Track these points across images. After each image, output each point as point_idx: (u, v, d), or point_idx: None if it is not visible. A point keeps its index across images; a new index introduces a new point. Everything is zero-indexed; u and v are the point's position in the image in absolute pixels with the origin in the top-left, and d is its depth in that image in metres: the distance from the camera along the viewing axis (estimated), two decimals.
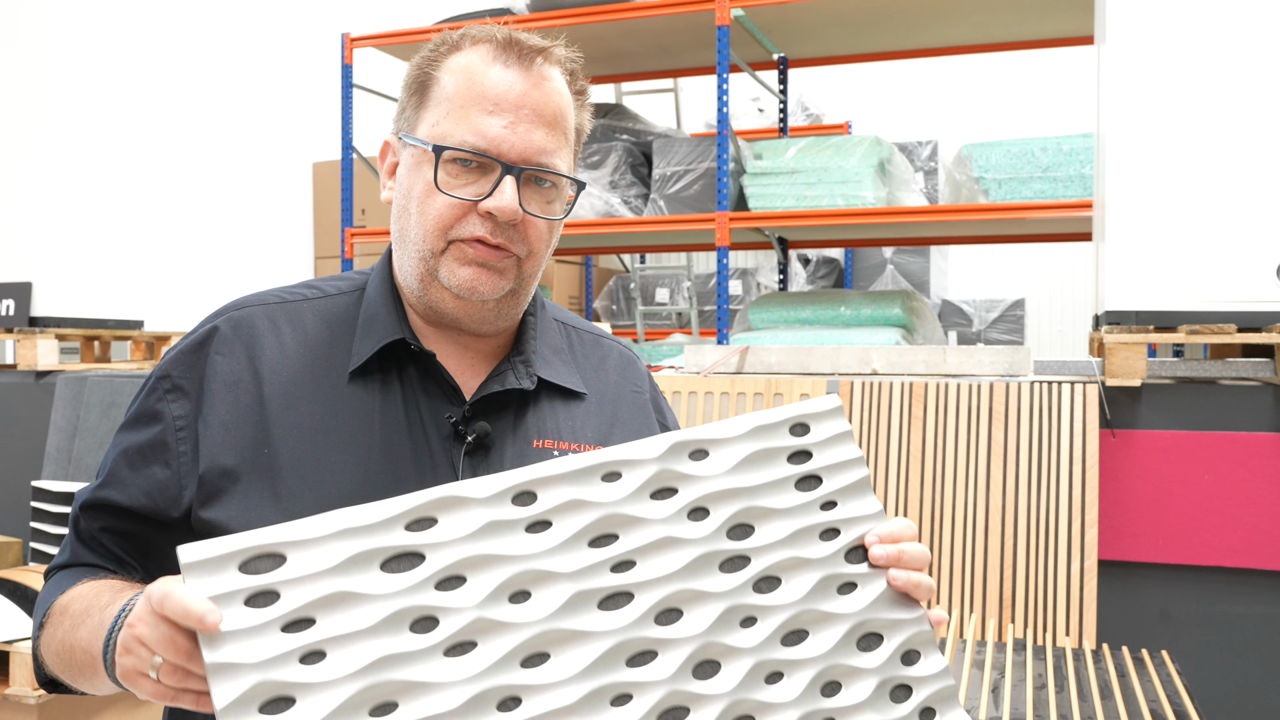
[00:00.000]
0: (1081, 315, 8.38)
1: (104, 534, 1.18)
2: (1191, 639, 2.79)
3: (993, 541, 2.86)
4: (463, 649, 0.92)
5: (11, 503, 3.85)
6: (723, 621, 1.00)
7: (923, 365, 3.33)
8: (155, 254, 5.04)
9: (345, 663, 0.88)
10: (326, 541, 0.92)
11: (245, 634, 0.87)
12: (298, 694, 0.87)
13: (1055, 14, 4.49)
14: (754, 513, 1.06)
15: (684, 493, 1.04)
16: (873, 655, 1.04)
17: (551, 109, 1.16)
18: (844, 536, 1.07)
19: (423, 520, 0.95)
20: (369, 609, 0.91)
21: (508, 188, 1.12)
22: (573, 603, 0.96)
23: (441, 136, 1.13)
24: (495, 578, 0.95)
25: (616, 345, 1.38)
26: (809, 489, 1.08)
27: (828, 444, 1.11)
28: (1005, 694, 2.33)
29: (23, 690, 2.60)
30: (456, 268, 1.14)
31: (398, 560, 0.93)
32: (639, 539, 1.01)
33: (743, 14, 4.36)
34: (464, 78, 1.15)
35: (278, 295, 1.23)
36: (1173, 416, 2.83)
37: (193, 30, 5.56)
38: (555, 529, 0.98)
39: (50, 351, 4.05)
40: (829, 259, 6.74)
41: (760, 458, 1.08)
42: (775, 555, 1.04)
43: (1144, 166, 2.85)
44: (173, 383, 1.16)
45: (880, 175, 4.25)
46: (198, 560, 0.88)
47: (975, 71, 8.08)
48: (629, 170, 4.80)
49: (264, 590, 0.89)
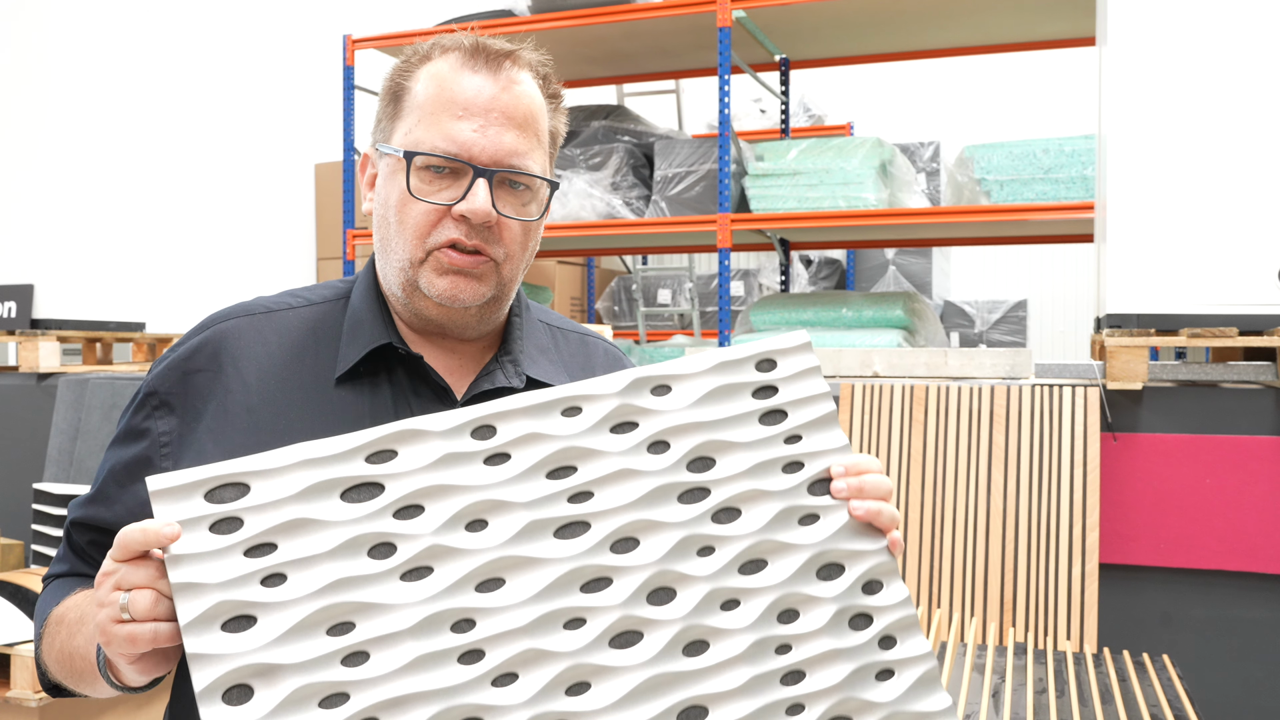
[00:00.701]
0: (1083, 316, 8.36)
1: (92, 548, 1.21)
2: (1193, 643, 2.78)
3: (993, 545, 2.86)
4: (419, 574, 0.96)
5: (13, 505, 3.85)
6: (679, 550, 1.02)
7: (924, 367, 3.32)
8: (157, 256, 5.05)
9: (304, 584, 0.93)
10: (288, 471, 0.96)
11: (209, 556, 0.92)
12: (258, 613, 0.91)
13: (1057, 15, 4.49)
14: (715, 446, 1.07)
15: (644, 426, 1.06)
16: (832, 584, 1.05)
17: (522, 111, 1.17)
18: (808, 469, 1.08)
19: (383, 453, 0.99)
20: (328, 534, 0.95)
21: (480, 190, 1.13)
22: (528, 531, 0.99)
23: (414, 143, 1.15)
24: (452, 506, 0.98)
25: (602, 343, 1.39)
26: (773, 423, 1.09)
27: (794, 379, 1.11)
28: (1006, 698, 2.32)
29: (24, 693, 2.60)
30: (435, 278, 1.15)
31: (357, 490, 0.97)
32: (597, 470, 1.03)
33: (744, 15, 4.36)
34: (434, 85, 1.16)
35: (262, 305, 1.23)
36: (1174, 420, 2.83)
37: (194, 33, 5.57)
38: (513, 461, 1.01)
39: (52, 353, 4.05)
40: (831, 260, 6.73)
41: (724, 392, 1.09)
42: (735, 487, 1.06)
43: (1146, 169, 2.84)
44: (160, 399, 1.17)
45: (882, 177, 4.25)
46: (165, 488, 0.93)
47: (977, 73, 8.07)
48: (631, 171, 4.80)
49: (228, 517, 0.94)
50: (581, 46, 4.95)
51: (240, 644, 0.90)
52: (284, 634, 0.91)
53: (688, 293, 6.58)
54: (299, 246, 6.56)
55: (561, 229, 4.61)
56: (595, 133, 5.08)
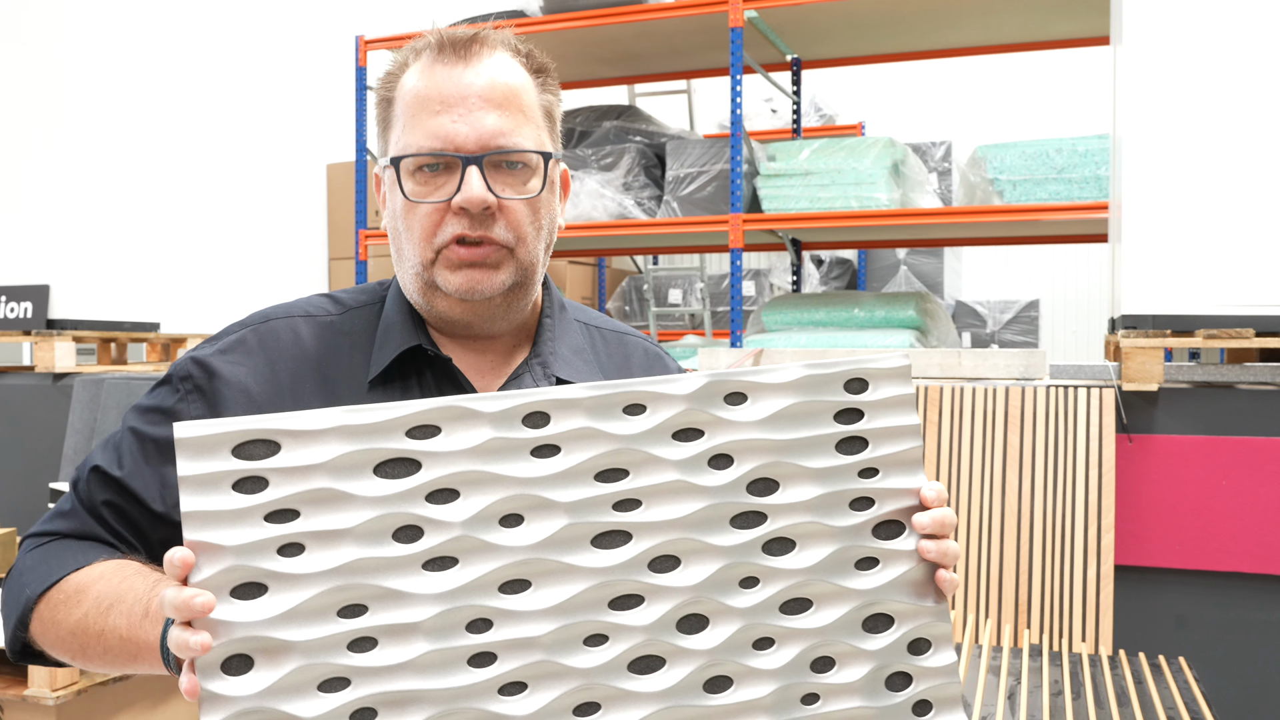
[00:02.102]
0: (1097, 316, 8.34)
1: (106, 507, 1.17)
2: (1209, 645, 2.77)
3: (1008, 546, 2.85)
4: (443, 564, 0.91)
5: (29, 504, 3.87)
6: (721, 577, 0.96)
7: (937, 368, 3.32)
8: (171, 256, 5.07)
9: (322, 560, 0.89)
10: (324, 436, 0.91)
11: (228, 517, 0.88)
12: (270, 582, 0.87)
13: (1070, 14, 4.47)
14: (782, 469, 0.98)
15: (710, 436, 0.97)
16: (877, 638, 0.98)
17: (499, 91, 1.15)
18: (877, 508, 0.99)
19: (426, 428, 0.93)
20: (355, 510, 0.90)
21: (472, 177, 1.11)
22: (565, 534, 0.93)
23: (402, 149, 1.15)
24: (489, 497, 0.93)
25: (642, 342, 1.36)
26: (851, 452, 1.00)
27: (884, 406, 1.01)
28: (1021, 700, 2.32)
29: (41, 691, 2.61)
30: (449, 274, 1.14)
31: (392, 465, 0.92)
32: (649, 479, 0.96)
33: (756, 15, 4.36)
34: (411, 89, 1.16)
35: (301, 308, 1.24)
36: (1189, 421, 2.82)
37: (206, 35, 5.59)
38: (563, 455, 0.95)
39: (67, 353, 4.07)
40: (842, 260, 6.72)
41: (804, 410, 0.99)
42: (795, 517, 0.98)
43: (1161, 169, 2.83)
44: (194, 383, 1.17)
45: (894, 177, 4.24)
46: (192, 437, 0.88)
47: (989, 72, 8.04)
48: (642, 172, 4.80)
49: (253, 475, 0.89)
50: (593, 47, 4.95)
51: (247, 613, 0.87)
52: (293, 609, 0.87)
53: (699, 293, 6.58)
54: (311, 247, 6.58)
55: (573, 229, 4.62)
56: (607, 133, 5.08)
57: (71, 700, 2.66)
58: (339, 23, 6.48)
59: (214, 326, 4.89)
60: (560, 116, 1.25)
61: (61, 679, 2.63)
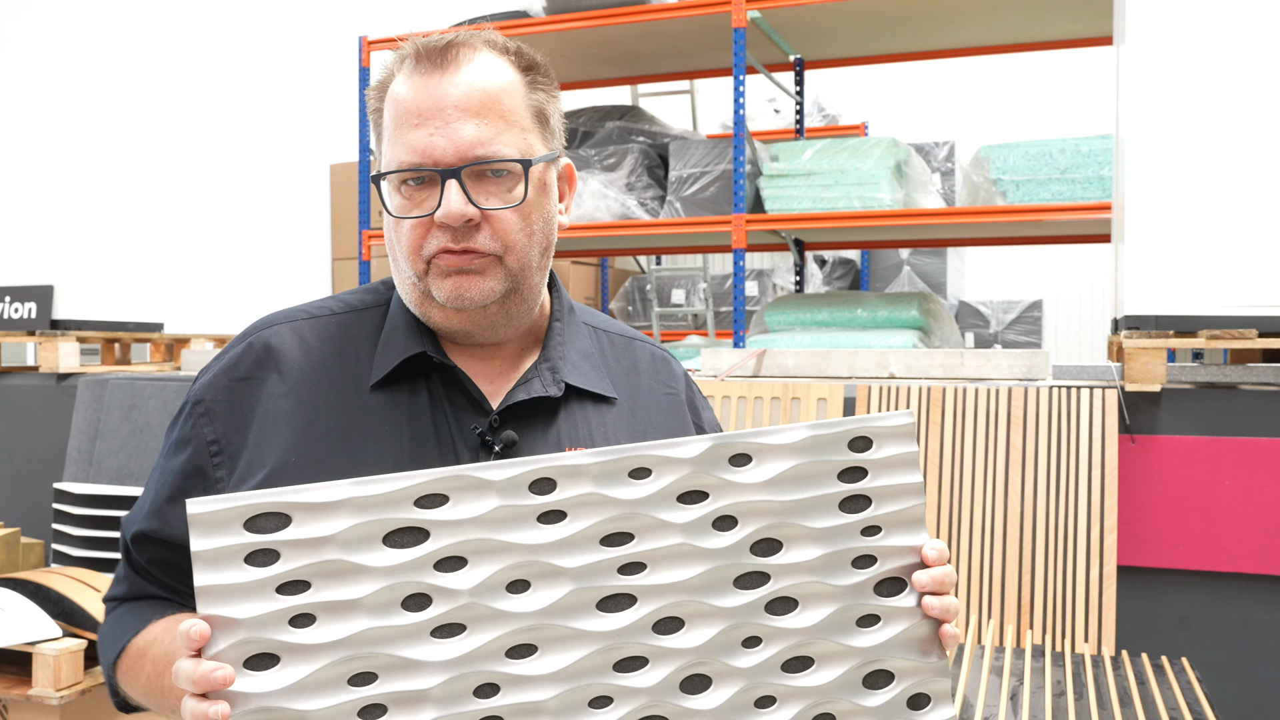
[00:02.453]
0: (1100, 316, 8.33)
1: (153, 565, 1.21)
2: (1211, 646, 2.77)
3: (1011, 547, 2.85)
4: (451, 631, 0.93)
5: (33, 504, 3.88)
6: (724, 638, 0.98)
7: (940, 369, 3.32)
8: (174, 257, 5.08)
9: (333, 630, 0.91)
10: (333, 509, 0.93)
11: (241, 591, 0.90)
12: (283, 653, 0.90)
13: (1073, 15, 4.47)
14: (785, 529, 1.01)
15: (714, 499, 1.00)
16: (877, 694, 1.00)
17: (477, 98, 1.12)
18: (879, 566, 1.02)
19: (434, 497, 0.95)
20: (365, 581, 0.92)
21: (451, 192, 1.10)
22: (571, 599, 0.95)
23: (385, 165, 1.15)
24: (496, 564, 0.95)
25: (649, 346, 1.35)
26: (854, 510, 1.02)
27: (888, 465, 1.03)
28: (1024, 701, 2.32)
29: (45, 691, 2.62)
30: (440, 282, 1.14)
31: (401, 535, 0.94)
32: (654, 542, 0.98)
33: (759, 16, 4.36)
34: (393, 103, 1.15)
35: (304, 310, 1.24)
36: (1193, 422, 2.82)
37: (210, 36, 5.59)
38: (569, 521, 0.97)
39: (71, 354, 4.08)
40: (845, 260, 6.72)
41: (808, 471, 1.02)
42: (798, 577, 1.00)
43: (1164, 169, 2.83)
44: (205, 407, 1.18)
45: (897, 177, 4.24)
46: (204, 513, 0.91)
47: (993, 72, 8.04)
48: (645, 172, 4.80)
49: (265, 548, 0.91)
50: (596, 47, 4.95)
51: (260, 684, 0.89)
52: (305, 679, 0.90)
53: (702, 293, 6.58)
54: (314, 247, 6.59)
55: (576, 229, 4.62)
56: (610, 133, 5.09)
57: (75, 700, 2.66)
58: (342, 23, 6.49)
59: (217, 326, 4.90)
60: (556, 112, 1.22)
61: (65, 678, 2.64)
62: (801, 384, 3.19)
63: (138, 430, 3.58)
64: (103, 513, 3.41)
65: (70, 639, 2.70)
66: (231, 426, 1.16)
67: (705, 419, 1.34)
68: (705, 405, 1.36)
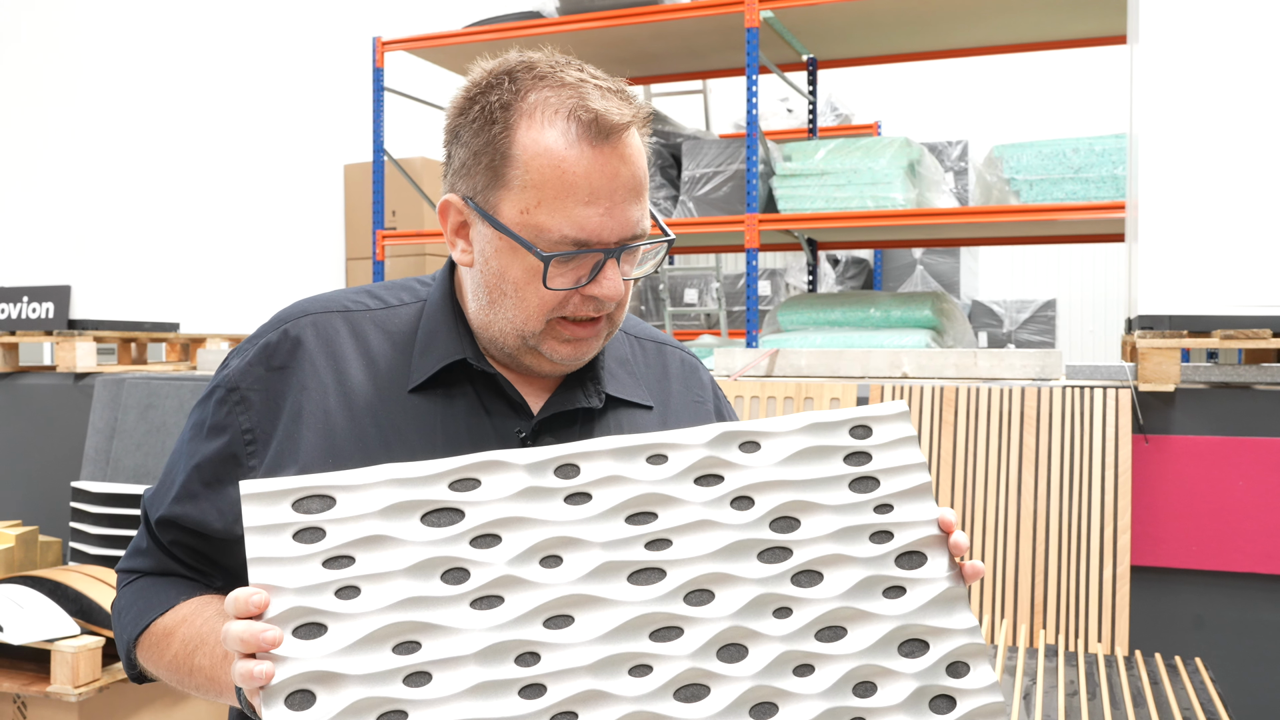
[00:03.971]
0: (1114, 315, 8.30)
1: (176, 547, 1.22)
2: (1226, 646, 2.76)
3: (1024, 547, 2.85)
4: (489, 602, 0.97)
5: (51, 503, 3.91)
6: (754, 607, 1.00)
7: (953, 369, 3.32)
8: (190, 257, 5.11)
9: (376, 599, 0.95)
10: (374, 488, 0.98)
11: (289, 562, 0.95)
12: (329, 621, 0.94)
13: (1087, 13, 4.46)
14: (801, 506, 1.04)
15: (729, 480, 1.04)
16: (914, 661, 1.01)
17: (639, 179, 1.12)
18: (897, 540, 1.05)
19: (466, 480, 1.00)
20: (405, 553, 0.97)
21: (611, 273, 1.11)
22: (602, 571, 0.99)
23: (537, 229, 1.08)
24: (529, 539, 0.99)
25: (678, 352, 1.37)
26: (864, 490, 1.07)
27: (889, 447, 1.08)
28: (1037, 701, 2.32)
29: (64, 688, 2.65)
30: (557, 345, 1.14)
31: (438, 514, 0.99)
32: (677, 519, 1.02)
33: (772, 16, 4.36)
34: (550, 165, 1.08)
35: (339, 303, 1.23)
36: (1207, 422, 2.81)
37: (225, 36, 5.62)
38: (594, 501, 1.01)
39: (88, 353, 4.11)
40: (858, 259, 6.72)
41: (814, 454, 1.07)
42: (819, 550, 1.03)
43: (1178, 168, 2.83)
44: (241, 394, 1.17)
45: (910, 176, 4.24)
46: (257, 493, 0.96)
47: (1006, 71, 8.02)
48: (658, 172, 4.81)
49: (312, 526, 0.96)
50: (609, 47, 4.96)
51: (309, 650, 0.92)
52: (351, 644, 0.93)
53: (715, 292, 6.59)
54: (328, 247, 6.62)
55: None
56: None
57: (94, 697, 2.68)
58: (356, 24, 6.52)
59: (232, 326, 4.92)
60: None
61: (84, 676, 2.66)
62: (814, 384, 3.19)
63: (154, 429, 3.61)
64: (120, 511, 3.44)
65: (88, 636, 2.73)
66: (266, 415, 1.16)
67: None
68: (730, 412, 1.38)
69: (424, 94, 5.25)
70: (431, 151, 6.11)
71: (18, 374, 4.17)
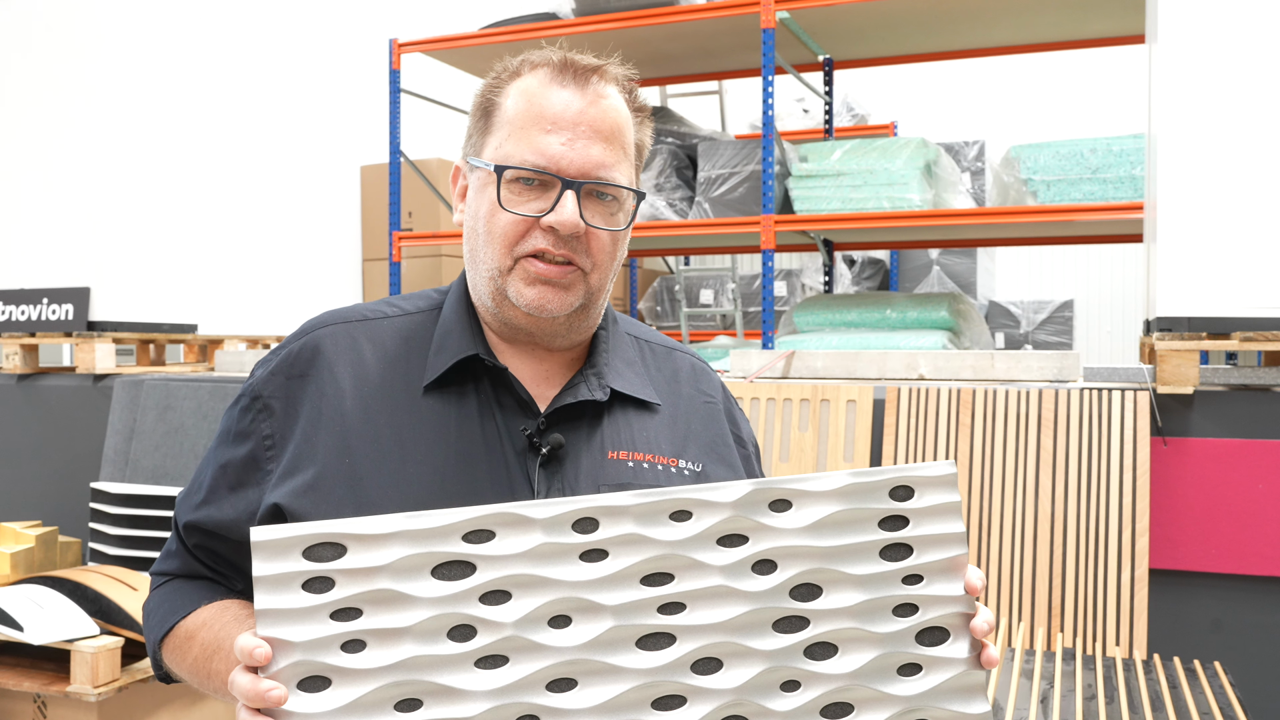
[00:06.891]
0: (1132, 316, 8.26)
1: (199, 550, 1.27)
2: (1245, 649, 2.75)
3: (1042, 550, 2.84)
4: (494, 662, 0.96)
5: (71, 503, 3.94)
6: (762, 680, 0.98)
7: (970, 370, 3.31)
8: (208, 259, 5.13)
9: (382, 656, 0.95)
10: (386, 540, 0.97)
11: (297, 615, 0.95)
12: (334, 676, 0.94)
13: (1104, 13, 4.43)
14: (825, 575, 1.01)
15: (754, 542, 1.01)
16: None
17: (609, 124, 1.19)
18: (920, 615, 1.01)
19: (481, 532, 0.98)
20: (413, 610, 0.96)
21: (568, 201, 1.16)
22: (611, 635, 0.97)
23: (504, 157, 1.18)
24: (539, 599, 0.97)
25: (688, 356, 1.39)
26: (895, 558, 1.02)
27: (929, 514, 1.03)
28: (1054, 704, 2.31)
29: (83, 688, 2.66)
30: (523, 287, 1.18)
31: (449, 567, 0.97)
32: (694, 583, 0.99)
33: (788, 16, 4.35)
34: (524, 100, 1.19)
35: (359, 313, 1.28)
36: (1226, 424, 2.79)
37: (242, 39, 5.65)
38: (610, 560, 0.99)
39: (107, 355, 4.14)
40: (874, 260, 6.70)
41: (848, 517, 1.02)
42: (838, 623, 1.00)
43: (1197, 169, 2.81)
44: (264, 402, 1.22)
45: (926, 177, 4.23)
46: (266, 540, 0.96)
47: (1023, 71, 7.98)
48: (674, 173, 4.81)
49: (321, 576, 0.96)
50: (625, 48, 4.92)
51: (313, 705, 0.93)
52: (354, 701, 0.93)
53: (730, 293, 6.58)
54: (345, 248, 6.64)
55: None
56: None
57: (113, 697, 2.70)
58: (373, 26, 6.54)
59: (250, 328, 4.95)
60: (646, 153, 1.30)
61: (103, 676, 2.68)
62: (831, 385, 3.19)
63: (172, 430, 3.63)
64: (139, 512, 3.46)
65: (108, 637, 2.75)
66: (285, 421, 1.20)
67: (743, 431, 1.37)
68: (742, 417, 1.40)
69: (440, 96, 5.27)
70: (448, 153, 6.13)
71: (38, 375, 4.20)
